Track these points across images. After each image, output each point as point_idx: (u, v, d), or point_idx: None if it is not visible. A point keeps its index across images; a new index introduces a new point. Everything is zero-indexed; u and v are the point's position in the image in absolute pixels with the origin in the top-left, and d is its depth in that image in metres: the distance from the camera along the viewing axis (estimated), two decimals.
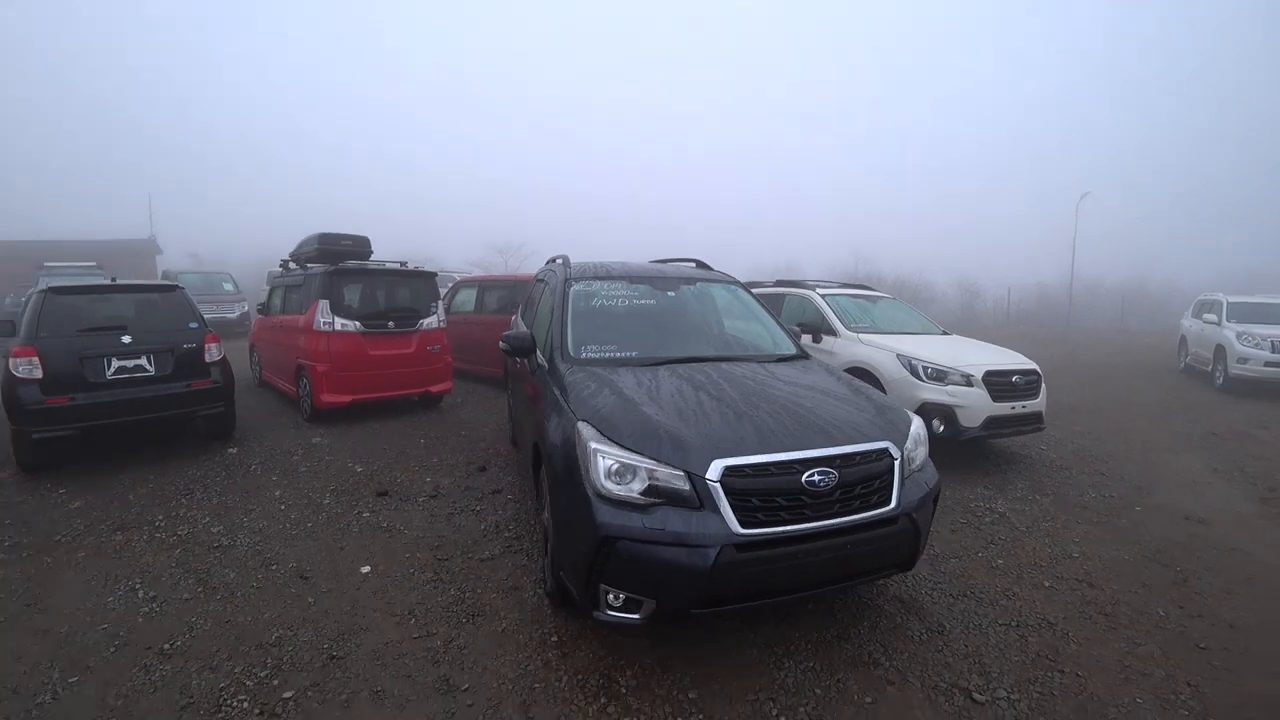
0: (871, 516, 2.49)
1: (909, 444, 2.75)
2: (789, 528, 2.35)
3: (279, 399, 7.67)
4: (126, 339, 4.92)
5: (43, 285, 9.84)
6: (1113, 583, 3.43)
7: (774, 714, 2.33)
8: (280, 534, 3.91)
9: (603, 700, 2.39)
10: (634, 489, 2.36)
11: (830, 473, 2.42)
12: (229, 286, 15.15)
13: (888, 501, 2.54)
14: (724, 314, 4.25)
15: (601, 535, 2.31)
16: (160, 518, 4.07)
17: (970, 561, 3.66)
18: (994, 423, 5.23)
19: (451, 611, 3.05)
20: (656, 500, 2.34)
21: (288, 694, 2.45)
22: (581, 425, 2.59)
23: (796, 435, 2.55)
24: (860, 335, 6.03)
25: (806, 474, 2.39)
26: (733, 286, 4.43)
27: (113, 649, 2.73)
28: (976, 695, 2.44)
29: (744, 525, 2.30)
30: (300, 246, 7.59)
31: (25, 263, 13.17)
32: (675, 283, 4.27)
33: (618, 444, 2.45)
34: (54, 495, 4.46)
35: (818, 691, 2.46)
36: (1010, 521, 4.28)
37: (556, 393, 3.12)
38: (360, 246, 7.23)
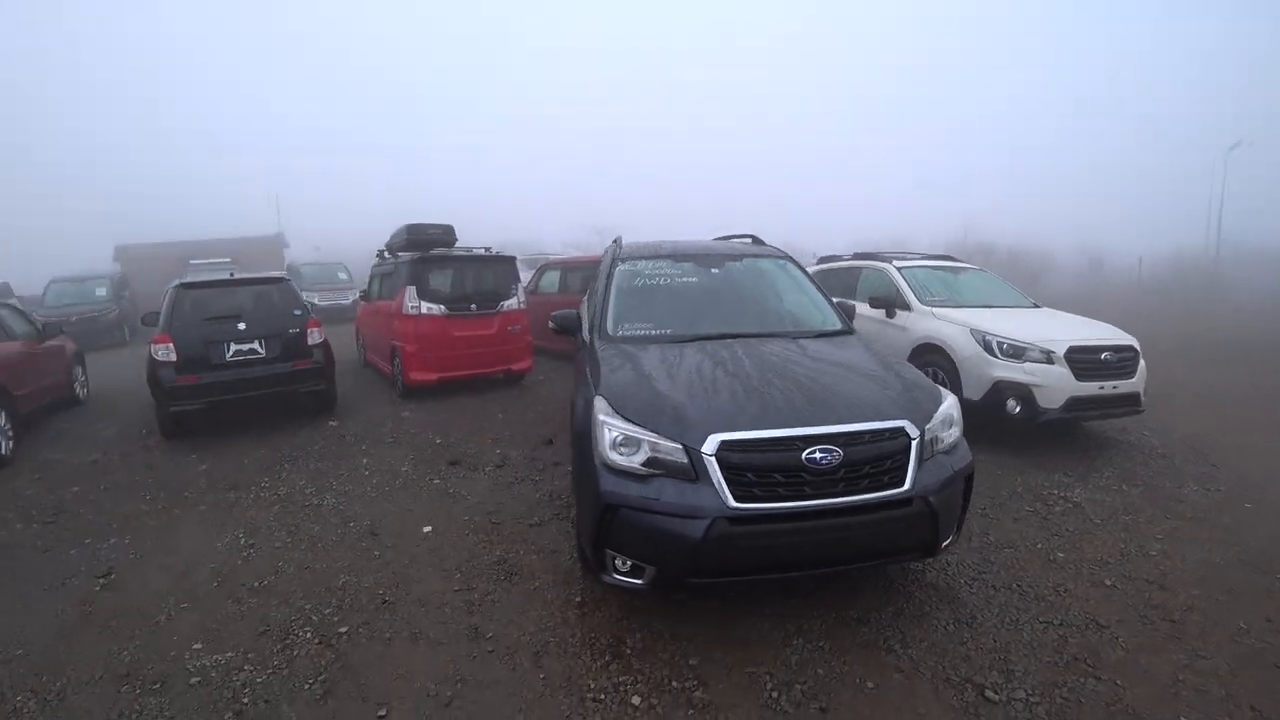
0: (881, 497, 2.41)
1: (934, 424, 2.62)
2: (787, 504, 2.34)
3: (379, 378, 8.44)
4: (242, 326, 5.68)
5: (190, 278, 11.37)
6: (1191, 587, 3.06)
7: (769, 688, 2.35)
8: (361, 496, 4.38)
9: (607, 658, 2.53)
10: (636, 460, 2.44)
11: (834, 450, 2.37)
12: (343, 275, 16.76)
13: (901, 483, 2.44)
14: (770, 290, 4.14)
15: (605, 503, 2.42)
16: (266, 480, 4.70)
17: (1026, 553, 3.41)
18: (1078, 404, 4.76)
19: (494, 570, 3.32)
20: (657, 472, 2.41)
21: (343, 629, 2.81)
22: (597, 399, 2.71)
23: (803, 412, 2.51)
24: (934, 309, 5.66)
25: (807, 451, 2.36)
26: (782, 262, 4.33)
27: (215, 584, 3.24)
28: (990, 693, 2.32)
29: (738, 499, 2.32)
30: (393, 237, 8.23)
31: (176, 261, 15.35)
32: (721, 260, 4.24)
33: (624, 417, 2.54)
34: (187, 459, 5.27)
35: (820, 671, 2.45)
36: (1085, 512, 3.91)
37: (588, 369, 3.25)
38: (445, 235, 7.72)
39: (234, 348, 5.59)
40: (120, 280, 14.85)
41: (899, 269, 6.26)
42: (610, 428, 2.53)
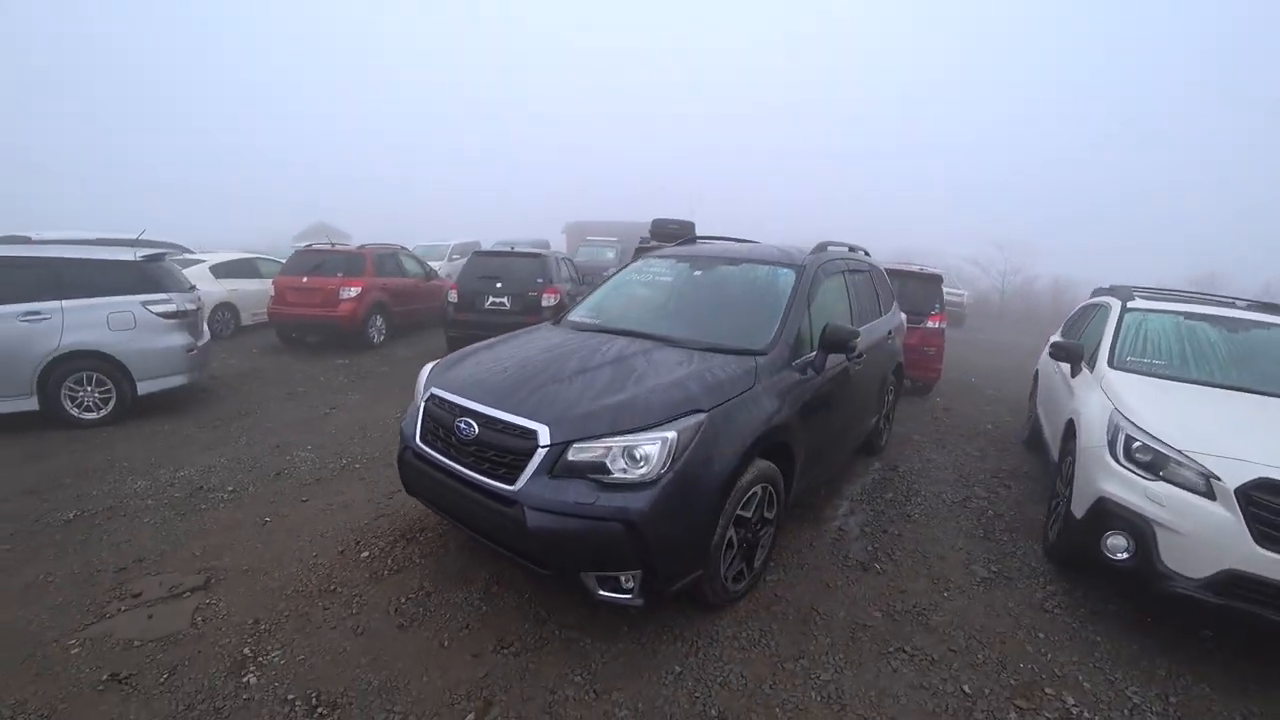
0: (489, 485, 2.80)
1: (594, 446, 2.68)
2: (438, 455, 3.08)
3: None
4: (499, 285, 8.58)
5: (581, 253, 15.93)
6: None
7: (404, 600, 3.17)
8: None
9: (398, 534, 3.81)
10: (419, 401, 3.55)
11: (472, 425, 2.92)
12: None
13: (512, 481, 2.73)
14: (736, 299, 4.09)
15: (400, 428, 3.65)
16: None
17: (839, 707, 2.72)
18: (1247, 589, 2.83)
19: None
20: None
21: (339, 463, 4.89)
22: None
23: (495, 391, 3.07)
24: (1111, 372, 4.03)
25: (458, 419, 3.00)
26: (782, 272, 4.12)
27: (349, 419, 5.93)
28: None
29: (421, 439, 3.21)
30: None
31: (581, 237, 21.27)
32: (714, 263, 4.44)
33: (431, 371, 3.67)
34: None
35: (451, 617, 3.06)
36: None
37: None
38: (682, 229, 9.17)
39: (490, 300, 8.59)
40: (540, 245, 20.89)
41: (1128, 309, 4.47)
42: (420, 377, 3.70)
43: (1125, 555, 3.21)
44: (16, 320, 5.26)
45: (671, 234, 9.12)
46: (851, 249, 5.28)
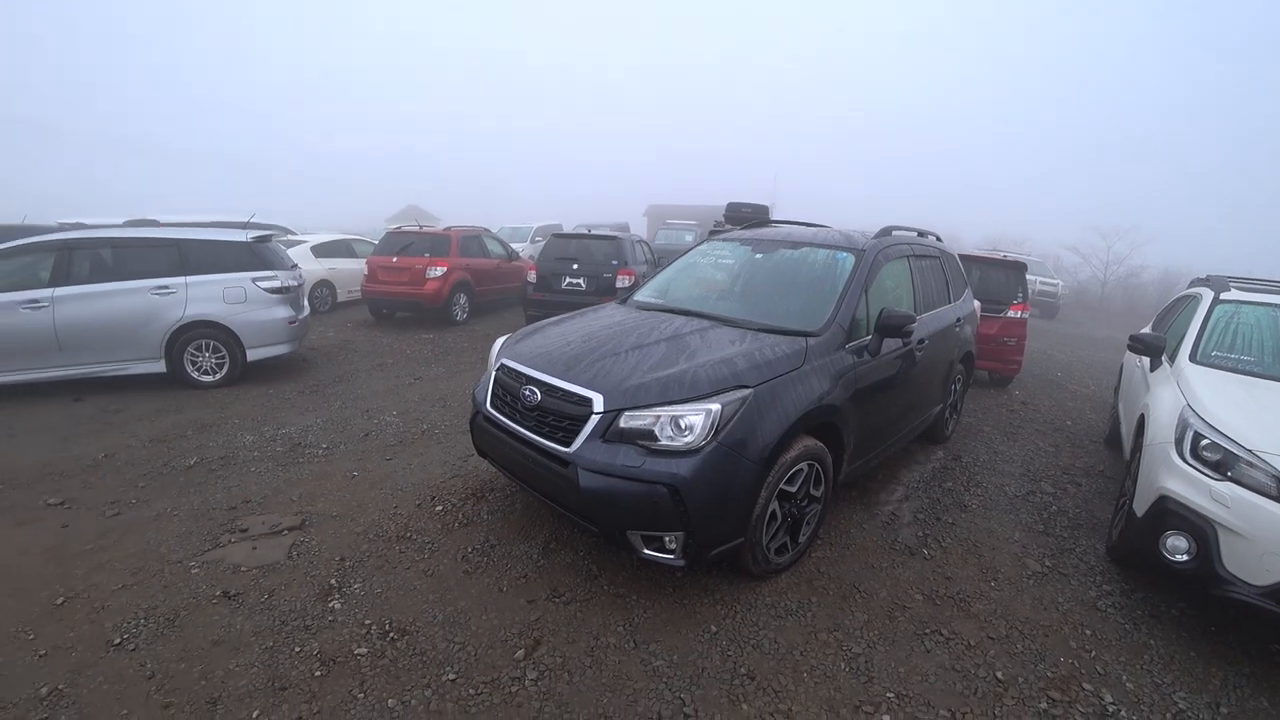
0: (548, 447, 3.06)
1: (643, 414, 2.87)
2: (505, 419, 3.37)
3: None
4: (575, 267, 8.93)
5: (660, 236, 16.16)
6: None
7: (469, 551, 3.55)
8: None
9: (466, 493, 4.18)
10: (491, 369, 3.88)
11: (535, 393, 3.20)
12: None
13: (568, 444, 2.97)
14: (792, 281, 4.16)
15: (473, 394, 4.00)
16: None
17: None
18: None
19: None
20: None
21: (418, 418, 5.34)
22: None
23: (558, 362, 3.32)
24: (1190, 367, 3.82)
25: (524, 386, 3.29)
26: (842, 256, 4.16)
27: (432, 388, 6.39)
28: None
29: (491, 404, 3.52)
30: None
31: (662, 220, 21.35)
32: (775, 246, 4.51)
33: (503, 343, 3.98)
34: None
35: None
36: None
37: None
38: (756, 213, 9.22)
39: (567, 280, 8.96)
40: (620, 228, 21.23)
41: (1220, 301, 4.20)
42: (493, 349, 4.02)
43: (1185, 557, 3.09)
44: (149, 293, 6.05)
45: (745, 217, 9.21)
46: (921, 234, 5.21)
